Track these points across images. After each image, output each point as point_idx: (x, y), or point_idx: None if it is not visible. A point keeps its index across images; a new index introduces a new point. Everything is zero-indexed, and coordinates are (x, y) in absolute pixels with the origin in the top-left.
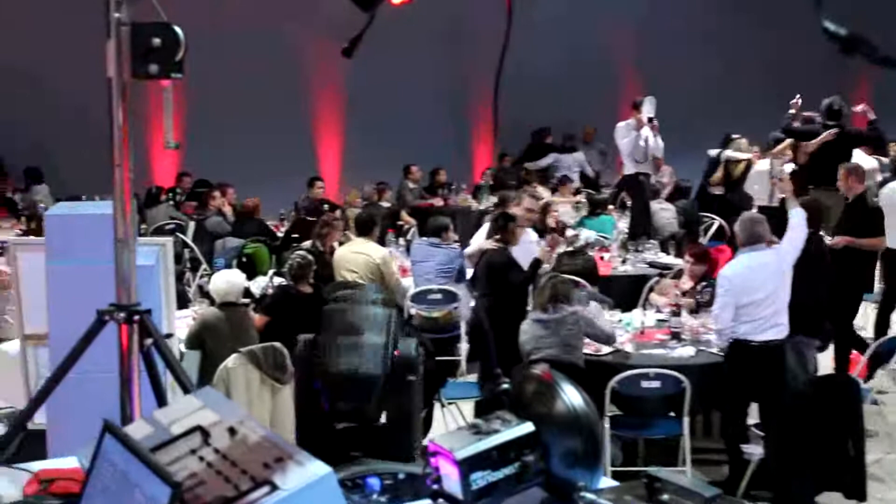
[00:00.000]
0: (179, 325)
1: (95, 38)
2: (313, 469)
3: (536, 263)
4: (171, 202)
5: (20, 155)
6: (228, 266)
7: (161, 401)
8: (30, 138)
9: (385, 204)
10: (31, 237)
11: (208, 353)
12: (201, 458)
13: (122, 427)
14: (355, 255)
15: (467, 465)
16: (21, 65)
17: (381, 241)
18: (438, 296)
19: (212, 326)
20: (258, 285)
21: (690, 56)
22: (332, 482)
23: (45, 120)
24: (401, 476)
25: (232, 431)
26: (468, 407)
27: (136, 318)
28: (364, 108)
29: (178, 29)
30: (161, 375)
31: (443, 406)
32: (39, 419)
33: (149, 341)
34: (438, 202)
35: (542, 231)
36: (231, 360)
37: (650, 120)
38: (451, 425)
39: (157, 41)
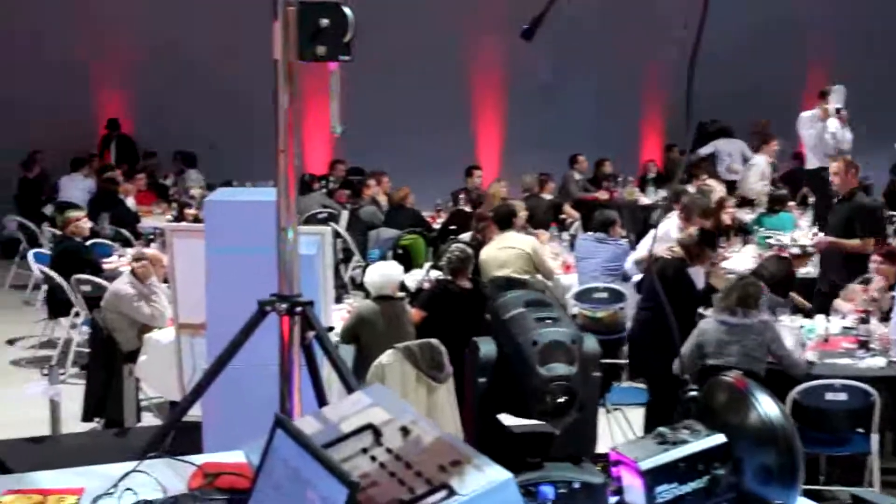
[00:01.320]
0: (333, 318)
1: (252, 20)
2: (493, 474)
3: (709, 291)
4: (324, 190)
5: (172, 140)
6: (383, 258)
7: (321, 396)
8: (181, 122)
9: (547, 196)
10: (185, 223)
11: (363, 348)
12: (373, 458)
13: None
14: (503, 251)
15: (652, 477)
16: (179, 49)
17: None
18: (604, 294)
19: (367, 320)
20: (414, 278)
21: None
22: (512, 489)
23: (199, 104)
24: (576, 485)
25: (405, 431)
26: (634, 413)
27: (299, 309)
28: (525, 94)
29: (347, 9)
30: (320, 370)
31: (608, 412)
32: (193, 411)
33: (311, 334)
34: (603, 195)
35: (716, 230)
36: (386, 357)
37: (838, 111)
38: (616, 433)
39: (325, 22)
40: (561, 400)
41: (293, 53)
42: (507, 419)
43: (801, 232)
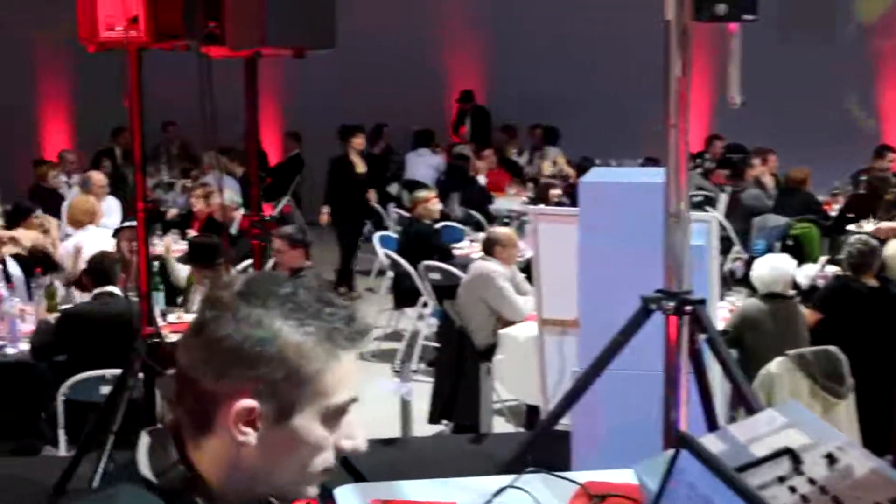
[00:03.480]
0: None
1: None
2: None
3: None
4: (699, 170)
5: (527, 114)
6: (769, 249)
7: (709, 409)
8: (539, 93)
9: None
10: (552, 207)
11: (747, 352)
12: (792, 490)
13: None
14: None
15: None
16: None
17: None
18: None
19: (753, 321)
20: (807, 274)
21: None
22: None
23: (556, 72)
24: None
25: (830, 458)
26: None
27: (688, 308)
28: None
29: None
30: (709, 377)
31: None
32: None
33: (701, 337)
34: None
35: None
36: (775, 364)
37: None
38: None
39: None
40: None
41: (688, 13)
42: None
43: None
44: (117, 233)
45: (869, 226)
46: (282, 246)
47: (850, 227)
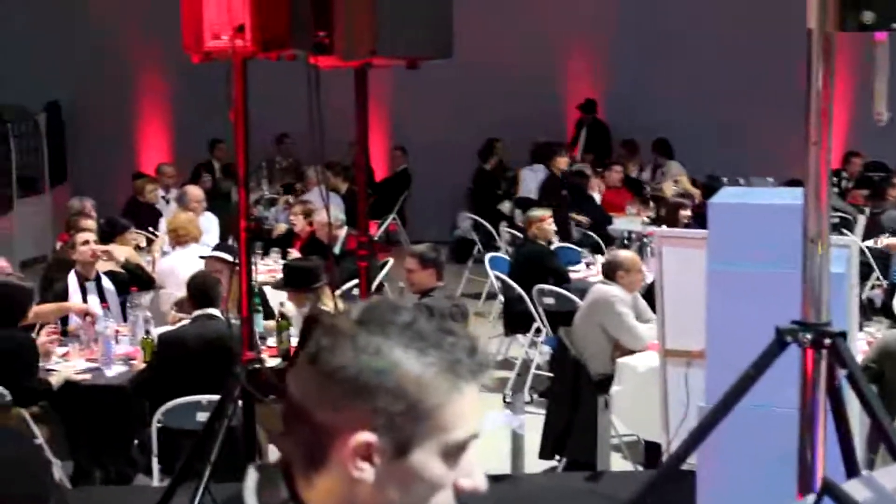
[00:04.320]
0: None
1: None
2: None
3: None
4: (836, 189)
5: (650, 128)
6: None
7: (848, 451)
8: (658, 106)
9: None
10: (677, 229)
11: (888, 387)
12: None
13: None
14: None
15: None
16: (656, 18)
17: None
18: None
19: (894, 354)
20: None
21: None
22: None
23: (680, 84)
24: None
25: None
26: None
27: (827, 341)
28: None
29: None
30: (849, 416)
31: None
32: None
33: (841, 372)
34: None
35: None
36: None
37: None
38: None
39: None
40: None
41: (832, 21)
42: None
43: None
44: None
45: None
46: (413, 265)
47: None
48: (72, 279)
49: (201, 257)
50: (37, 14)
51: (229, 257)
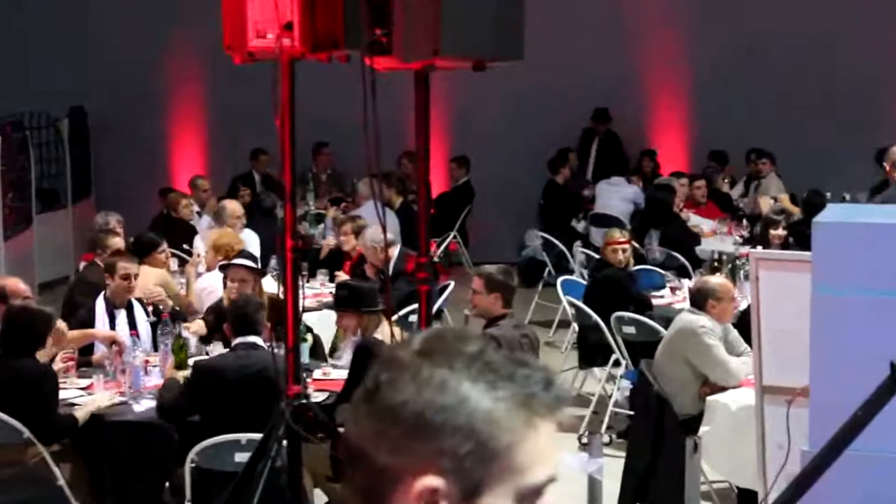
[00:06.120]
0: None
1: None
2: None
3: None
4: None
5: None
6: None
7: None
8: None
9: None
10: (777, 251)
11: None
12: None
13: None
14: None
15: None
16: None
17: None
18: None
19: None
20: None
21: None
22: None
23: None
24: None
25: None
26: None
27: None
28: None
29: None
30: None
31: None
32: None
33: None
34: None
35: None
36: None
37: None
38: None
39: None
40: None
41: None
42: None
43: None
44: (224, 269)
45: None
46: (479, 286)
47: None
48: (99, 304)
49: (221, 268)
50: (64, 11)
51: (255, 265)
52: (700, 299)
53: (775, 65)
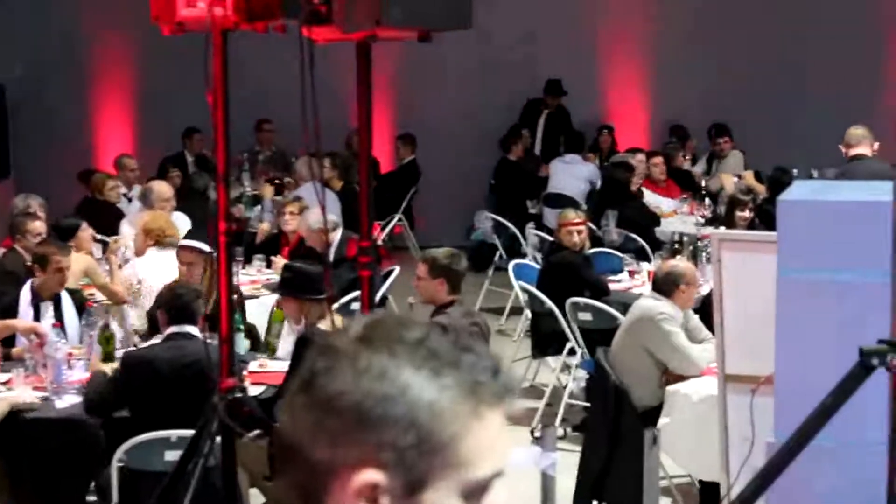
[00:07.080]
0: None
1: None
2: None
3: None
4: None
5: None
6: None
7: None
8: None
9: None
10: (739, 231)
11: None
12: None
13: None
14: None
15: None
16: None
17: None
18: None
19: None
20: None
21: None
22: None
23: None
24: None
25: None
26: None
27: None
28: None
29: None
30: None
31: None
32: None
33: None
34: None
35: None
36: None
37: None
38: None
39: None
40: None
41: None
42: None
43: None
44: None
45: None
46: (422, 271)
47: None
48: (24, 295)
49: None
50: None
51: (207, 248)
52: (668, 285)
53: (739, 34)
